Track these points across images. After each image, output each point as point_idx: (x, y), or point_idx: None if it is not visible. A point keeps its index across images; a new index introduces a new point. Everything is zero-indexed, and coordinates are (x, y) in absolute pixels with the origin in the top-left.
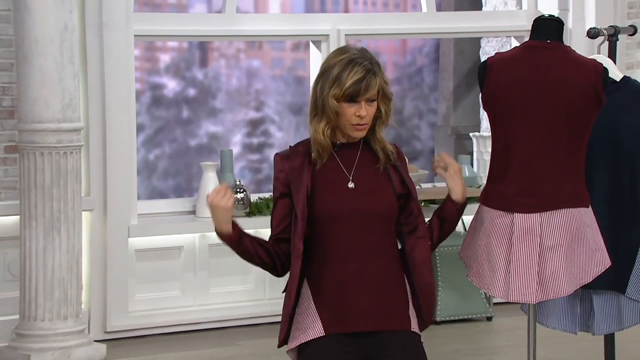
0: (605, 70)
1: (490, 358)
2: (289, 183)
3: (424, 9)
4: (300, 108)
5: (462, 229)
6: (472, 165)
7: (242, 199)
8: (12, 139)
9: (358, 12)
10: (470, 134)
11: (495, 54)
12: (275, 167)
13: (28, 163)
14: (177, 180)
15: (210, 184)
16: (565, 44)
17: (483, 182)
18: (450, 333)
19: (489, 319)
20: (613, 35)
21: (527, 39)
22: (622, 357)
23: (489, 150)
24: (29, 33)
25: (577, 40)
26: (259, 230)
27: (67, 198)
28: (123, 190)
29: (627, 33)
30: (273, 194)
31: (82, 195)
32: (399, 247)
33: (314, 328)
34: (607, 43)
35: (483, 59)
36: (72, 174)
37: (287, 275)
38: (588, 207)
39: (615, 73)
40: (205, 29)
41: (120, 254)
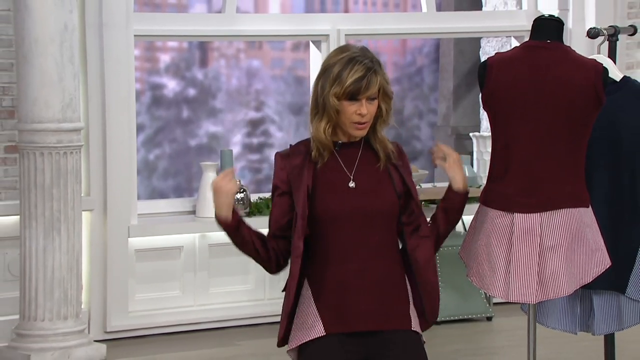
0: (605, 70)
1: (490, 358)
2: (290, 182)
3: (424, 9)
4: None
5: (462, 229)
6: (472, 165)
7: (242, 199)
8: (12, 139)
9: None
10: (470, 134)
11: (495, 54)
12: (276, 165)
13: (28, 163)
14: (177, 180)
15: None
16: (565, 44)
17: (483, 182)
18: (450, 333)
19: (489, 319)
20: (613, 35)
21: (527, 39)
22: (622, 357)
23: (489, 150)
24: (29, 33)
25: (577, 40)
26: (260, 230)
27: (67, 198)
28: (123, 190)
29: (627, 33)
30: (272, 192)
31: (82, 195)
32: (400, 246)
33: (315, 328)
34: (607, 43)
35: (483, 59)
36: (72, 174)
37: (284, 274)
38: (588, 207)
39: (615, 73)
40: (205, 29)
41: (120, 254)
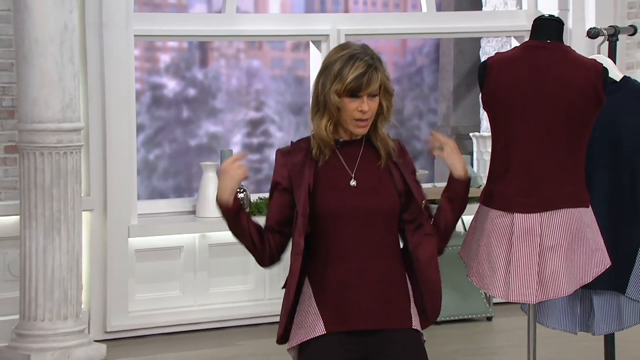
0: (605, 70)
1: (490, 358)
2: (291, 179)
3: (424, 9)
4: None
5: (462, 229)
6: (472, 165)
7: (242, 199)
8: (12, 139)
9: (358, 12)
10: (470, 134)
11: (495, 54)
12: (277, 162)
13: (28, 163)
14: (177, 180)
15: (210, 184)
16: (565, 44)
17: (483, 182)
18: (450, 333)
19: (489, 319)
20: (613, 35)
21: (527, 39)
22: (622, 357)
23: (489, 150)
24: (29, 33)
25: (577, 40)
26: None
27: (67, 198)
28: (123, 190)
29: (627, 33)
30: (272, 187)
31: (82, 195)
32: (402, 244)
33: (315, 326)
34: (607, 43)
35: (483, 59)
36: (72, 174)
37: (284, 272)
38: (588, 207)
39: (615, 73)
40: (205, 29)
41: (120, 254)
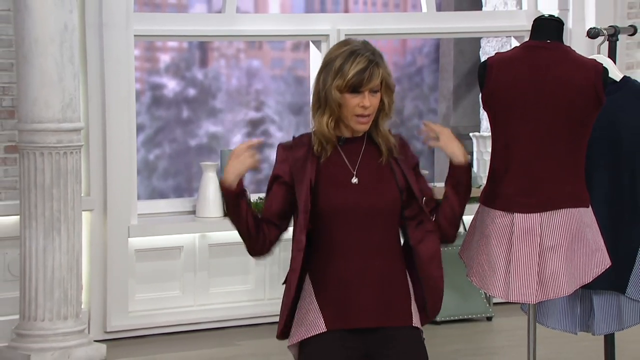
0: (605, 70)
1: (490, 358)
2: (292, 173)
3: (424, 9)
4: (300, 108)
5: (462, 229)
6: (472, 166)
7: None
8: (12, 139)
9: (358, 12)
10: (470, 134)
11: (495, 54)
12: (278, 156)
13: (28, 163)
14: (177, 180)
15: (210, 184)
16: (565, 44)
17: (483, 182)
18: (450, 333)
19: (489, 319)
20: (613, 35)
21: (527, 39)
22: (622, 357)
23: (489, 150)
24: (29, 33)
25: (577, 40)
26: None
27: (67, 198)
28: (123, 190)
29: (627, 33)
30: (271, 180)
31: (82, 195)
32: (403, 241)
33: (316, 324)
34: (607, 43)
35: (483, 59)
36: (72, 174)
37: (284, 268)
38: (588, 207)
39: (615, 73)
40: (205, 29)
41: (120, 254)
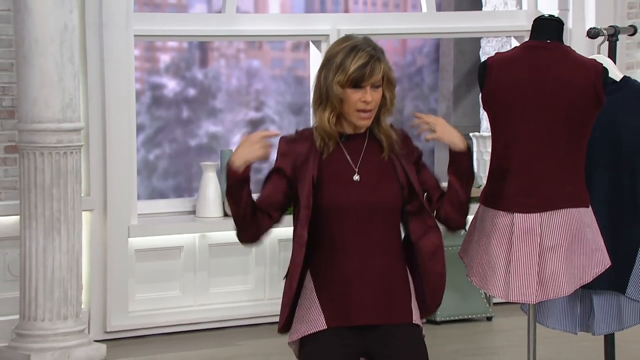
0: (605, 70)
1: (490, 358)
2: (294, 167)
3: (424, 9)
4: (300, 108)
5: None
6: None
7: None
8: (12, 139)
9: (358, 12)
10: (470, 134)
11: (495, 54)
12: (280, 148)
13: (28, 163)
14: (177, 180)
15: (210, 184)
16: (565, 44)
17: (483, 182)
18: (450, 333)
19: (489, 319)
20: (613, 35)
21: (527, 39)
22: (622, 357)
23: (489, 150)
24: (29, 33)
25: (577, 40)
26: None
27: (67, 198)
28: (123, 190)
29: (627, 33)
30: (271, 171)
31: (82, 195)
32: (404, 236)
33: (317, 321)
34: (607, 43)
35: (483, 59)
36: (72, 174)
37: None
38: (588, 207)
39: (615, 73)
40: (205, 29)
41: (120, 254)
